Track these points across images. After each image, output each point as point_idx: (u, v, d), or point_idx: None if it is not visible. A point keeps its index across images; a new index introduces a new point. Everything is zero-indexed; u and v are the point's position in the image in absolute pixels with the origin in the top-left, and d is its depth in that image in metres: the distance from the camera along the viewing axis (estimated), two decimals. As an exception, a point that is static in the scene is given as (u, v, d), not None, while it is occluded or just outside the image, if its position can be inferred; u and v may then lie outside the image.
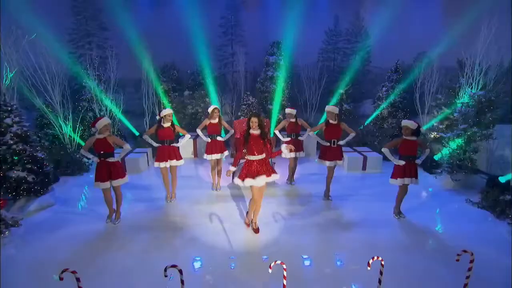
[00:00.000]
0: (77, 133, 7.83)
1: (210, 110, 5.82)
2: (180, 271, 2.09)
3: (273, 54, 10.06)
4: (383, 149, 4.82)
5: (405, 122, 4.63)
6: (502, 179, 5.49)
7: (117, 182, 4.60)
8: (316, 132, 5.76)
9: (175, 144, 5.43)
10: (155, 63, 9.50)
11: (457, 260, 2.23)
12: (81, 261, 3.69)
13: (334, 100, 10.14)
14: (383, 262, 2.24)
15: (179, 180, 5.78)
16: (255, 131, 4.12)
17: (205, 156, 5.90)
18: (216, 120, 5.84)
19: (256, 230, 4.44)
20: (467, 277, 2.32)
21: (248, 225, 4.61)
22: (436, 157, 6.92)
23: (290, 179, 6.50)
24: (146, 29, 9.80)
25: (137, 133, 9.38)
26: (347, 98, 10.34)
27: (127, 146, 4.69)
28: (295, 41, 10.14)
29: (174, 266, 2.05)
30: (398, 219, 4.94)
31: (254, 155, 4.11)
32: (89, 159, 4.84)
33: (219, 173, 6.13)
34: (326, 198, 5.71)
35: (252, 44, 10.93)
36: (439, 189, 6.27)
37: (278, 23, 10.53)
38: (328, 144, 5.44)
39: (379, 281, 2.29)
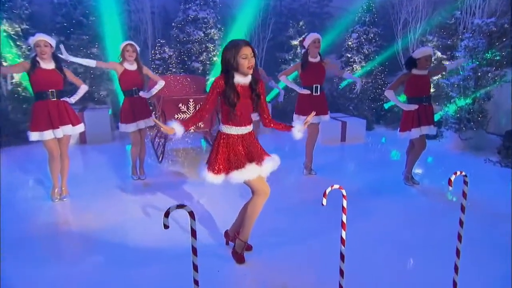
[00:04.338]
0: None
1: (121, 47, 5.08)
2: (191, 214, 1.72)
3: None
4: (386, 92, 5.04)
5: (424, 51, 4.80)
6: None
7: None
8: (290, 77, 5.69)
9: (66, 99, 4.60)
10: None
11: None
12: None
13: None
14: (466, 179, 2.40)
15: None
16: (245, 79, 2.96)
17: (122, 127, 5.20)
18: (135, 66, 5.11)
19: (242, 256, 3.35)
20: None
21: (231, 239, 3.50)
22: (435, 117, 7.61)
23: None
24: None
25: None
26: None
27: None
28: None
29: (181, 206, 1.66)
30: (412, 185, 5.25)
31: (242, 125, 3.05)
32: None
33: (141, 152, 5.46)
34: (308, 171, 5.79)
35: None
36: (448, 153, 6.98)
37: None
38: (308, 91, 5.39)
39: (462, 209, 2.31)
